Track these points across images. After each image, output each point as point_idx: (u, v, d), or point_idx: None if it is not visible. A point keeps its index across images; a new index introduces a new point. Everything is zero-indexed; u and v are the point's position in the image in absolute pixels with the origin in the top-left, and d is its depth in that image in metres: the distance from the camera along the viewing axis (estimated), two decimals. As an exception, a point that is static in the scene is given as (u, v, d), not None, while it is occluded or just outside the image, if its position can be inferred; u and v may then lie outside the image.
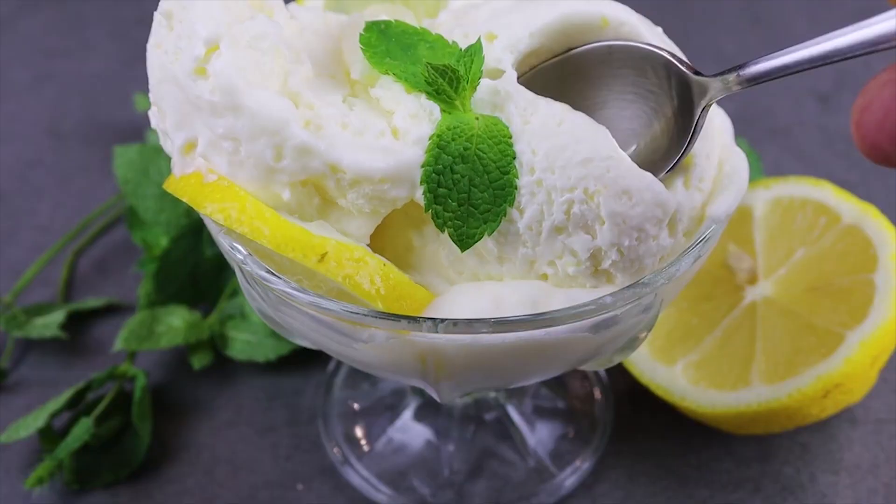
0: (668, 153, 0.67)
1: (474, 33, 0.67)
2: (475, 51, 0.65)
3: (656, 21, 0.73)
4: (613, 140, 0.63)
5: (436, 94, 0.64)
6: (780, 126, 1.27)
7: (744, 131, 1.16)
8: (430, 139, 0.63)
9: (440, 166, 0.62)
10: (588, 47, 0.69)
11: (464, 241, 0.63)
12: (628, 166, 0.63)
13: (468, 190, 0.63)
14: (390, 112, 0.65)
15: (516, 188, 0.63)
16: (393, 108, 0.65)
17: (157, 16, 0.64)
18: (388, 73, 0.65)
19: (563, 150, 0.62)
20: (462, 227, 0.63)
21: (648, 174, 0.63)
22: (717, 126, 0.72)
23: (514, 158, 0.63)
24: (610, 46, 0.68)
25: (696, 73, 0.65)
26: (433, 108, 0.64)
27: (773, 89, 0.73)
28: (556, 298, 0.65)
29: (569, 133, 0.63)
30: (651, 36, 0.69)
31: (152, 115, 0.66)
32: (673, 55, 0.66)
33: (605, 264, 0.64)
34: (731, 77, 0.63)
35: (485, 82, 0.64)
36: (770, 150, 1.23)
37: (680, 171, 0.67)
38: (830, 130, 1.26)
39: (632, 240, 0.63)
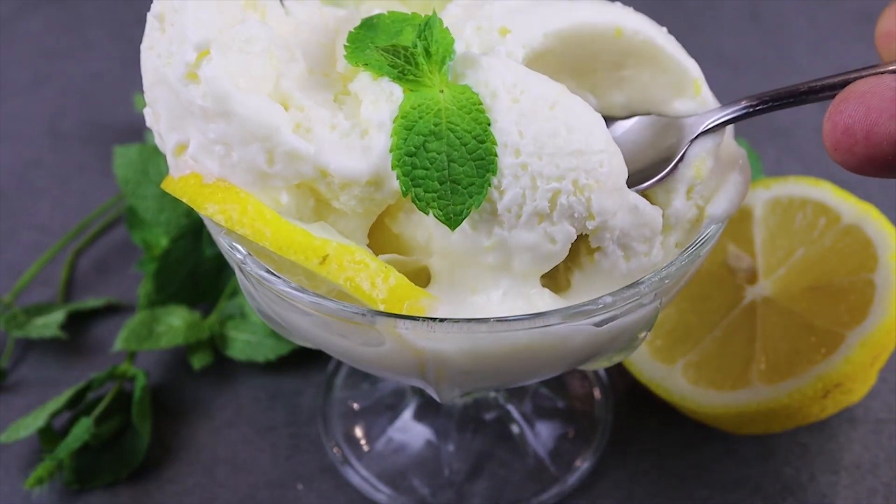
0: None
1: (488, 28, 0.67)
2: (431, 21, 0.62)
3: (656, 20, 0.73)
4: (608, 131, 0.62)
5: (401, 75, 0.62)
6: (780, 126, 1.27)
7: (744, 131, 1.16)
8: (393, 121, 0.61)
9: (411, 147, 0.60)
10: None
11: (452, 220, 0.61)
12: (621, 164, 0.62)
13: (447, 166, 0.60)
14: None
15: (496, 155, 0.61)
16: (363, 99, 0.64)
17: (149, 17, 0.64)
18: (358, 65, 0.64)
19: (554, 137, 0.61)
20: (448, 206, 0.61)
21: (632, 193, 0.64)
22: (724, 140, 0.72)
23: (490, 125, 0.61)
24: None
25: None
26: (393, 89, 0.62)
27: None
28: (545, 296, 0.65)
29: (561, 119, 0.61)
30: (664, 42, 0.69)
31: (147, 114, 0.67)
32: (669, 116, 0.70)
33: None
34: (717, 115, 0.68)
35: (459, 55, 0.62)
36: (770, 150, 1.23)
37: (685, 182, 0.67)
38: (830, 130, 1.26)
39: (617, 257, 0.64)
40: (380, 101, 0.62)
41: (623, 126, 0.71)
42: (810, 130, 1.26)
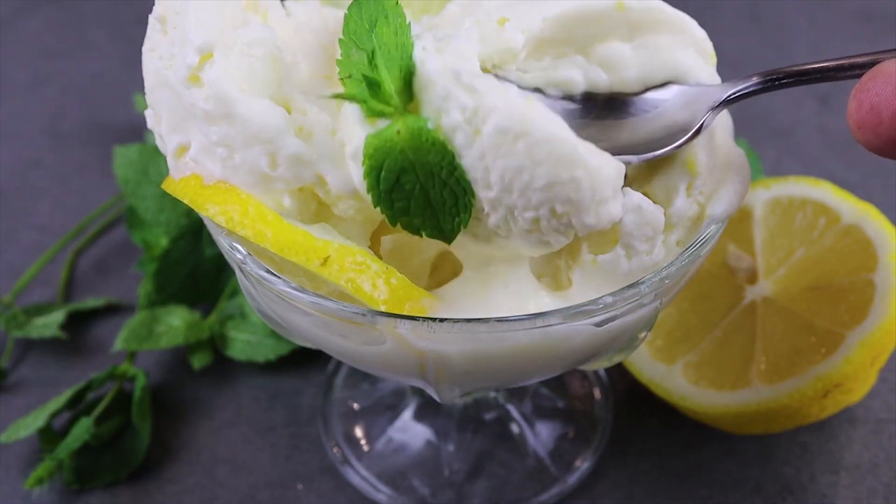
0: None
1: (486, 21, 0.66)
2: (377, 46, 0.60)
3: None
4: (580, 147, 0.58)
5: (369, 107, 0.60)
6: (780, 126, 1.27)
7: (744, 131, 1.16)
8: (362, 164, 0.60)
9: (386, 186, 0.60)
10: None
11: (446, 236, 0.62)
12: (607, 176, 0.59)
13: (425, 195, 0.60)
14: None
15: (469, 181, 0.59)
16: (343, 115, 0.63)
17: (151, 19, 0.64)
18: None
19: (520, 174, 0.58)
20: (437, 225, 0.61)
21: (636, 194, 0.63)
22: (720, 137, 0.71)
23: (454, 157, 0.59)
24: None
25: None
26: (358, 114, 0.60)
27: (773, 89, 0.74)
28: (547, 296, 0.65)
29: (525, 154, 0.57)
30: (669, 7, 0.68)
31: (149, 116, 0.66)
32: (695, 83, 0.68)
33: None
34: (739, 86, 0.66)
35: (417, 71, 0.59)
36: (770, 150, 1.23)
37: (684, 178, 0.67)
38: (830, 130, 1.26)
39: (619, 256, 0.64)
40: (350, 124, 0.61)
41: (653, 105, 0.69)
42: (810, 130, 1.27)
